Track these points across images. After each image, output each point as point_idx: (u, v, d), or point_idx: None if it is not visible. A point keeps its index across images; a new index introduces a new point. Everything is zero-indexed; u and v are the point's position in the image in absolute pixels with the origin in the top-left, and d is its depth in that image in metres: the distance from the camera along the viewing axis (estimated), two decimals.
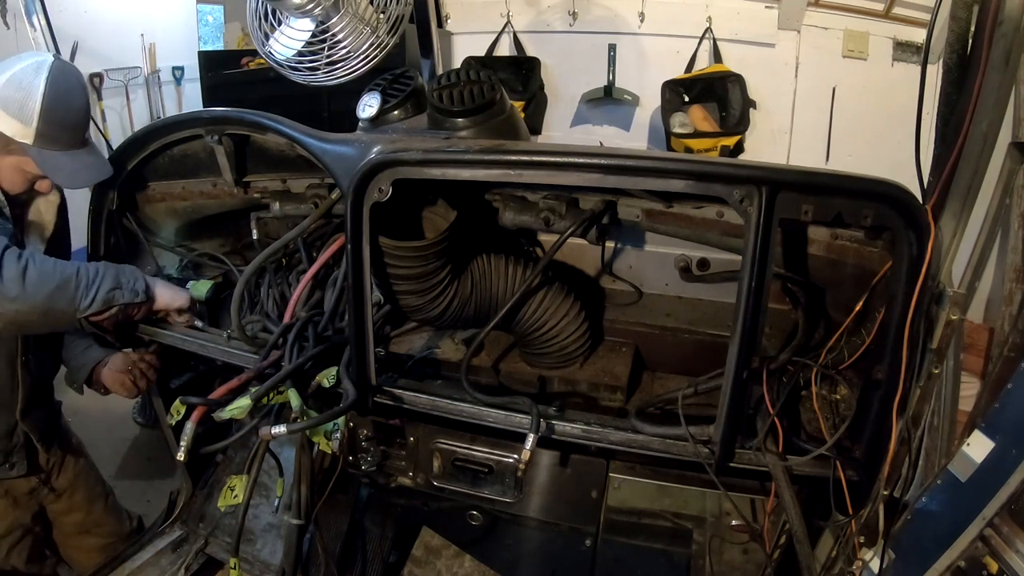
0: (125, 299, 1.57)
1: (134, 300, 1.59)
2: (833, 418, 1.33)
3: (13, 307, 1.41)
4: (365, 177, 1.28)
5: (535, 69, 3.86)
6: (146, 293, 1.62)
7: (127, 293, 1.58)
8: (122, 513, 2.11)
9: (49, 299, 1.45)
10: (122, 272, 1.60)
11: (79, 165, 1.59)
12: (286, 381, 1.39)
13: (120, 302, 1.56)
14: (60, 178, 1.61)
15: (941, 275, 1.13)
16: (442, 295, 1.45)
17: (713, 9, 3.58)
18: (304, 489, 1.56)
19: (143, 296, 1.61)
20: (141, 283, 1.62)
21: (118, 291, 1.56)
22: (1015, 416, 1.04)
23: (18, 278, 1.40)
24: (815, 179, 1.13)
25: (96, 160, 1.63)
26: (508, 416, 1.36)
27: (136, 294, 1.60)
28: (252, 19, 1.75)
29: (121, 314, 1.59)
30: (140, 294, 1.61)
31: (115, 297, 1.55)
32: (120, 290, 1.56)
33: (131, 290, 1.59)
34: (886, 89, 3.42)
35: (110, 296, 1.54)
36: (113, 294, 1.55)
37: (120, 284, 1.57)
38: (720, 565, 1.58)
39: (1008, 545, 1.05)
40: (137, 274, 1.63)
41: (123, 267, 1.63)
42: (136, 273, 1.63)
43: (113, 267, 1.59)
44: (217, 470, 2.19)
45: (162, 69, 5.09)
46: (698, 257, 1.57)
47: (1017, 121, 1.54)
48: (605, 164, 1.19)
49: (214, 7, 5.22)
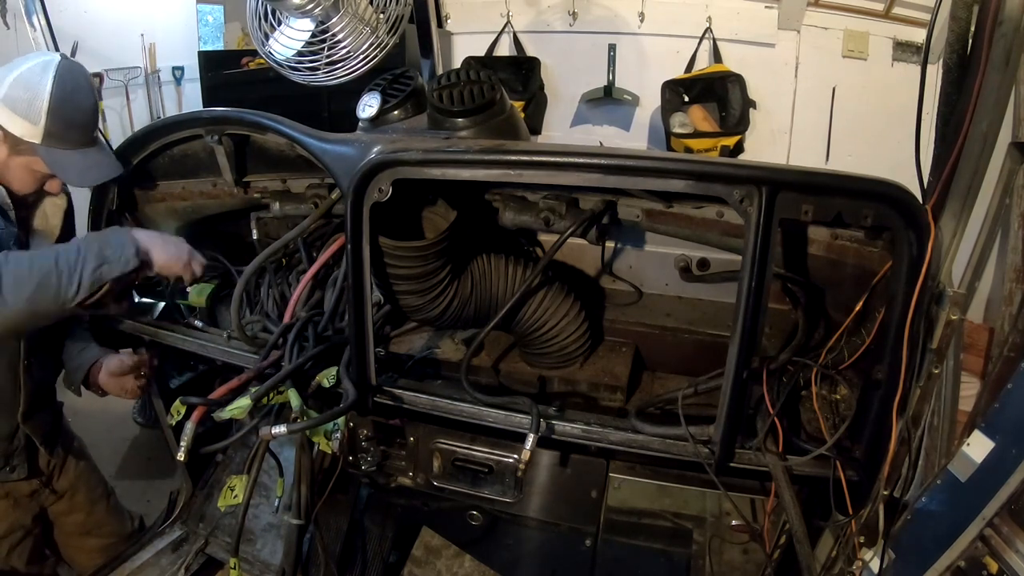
0: (115, 272, 1.46)
1: (125, 270, 1.48)
2: (833, 418, 1.33)
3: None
4: (365, 177, 1.28)
5: (535, 69, 3.86)
6: (138, 257, 1.50)
7: (116, 265, 1.47)
8: (124, 513, 2.10)
9: (31, 302, 1.39)
10: (106, 243, 1.48)
11: (89, 163, 1.57)
12: (286, 381, 1.39)
13: (110, 277, 1.46)
14: (70, 177, 1.59)
15: (941, 275, 1.13)
16: (442, 295, 1.45)
17: (713, 9, 3.58)
18: (304, 489, 1.56)
19: (135, 262, 1.49)
20: (130, 248, 1.49)
21: (105, 267, 1.45)
22: (1015, 416, 1.04)
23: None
24: (815, 179, 1.13)
25: (106, 158, 1.61)
26: (508, 416, 1.36)
27: (127, 263, 1.48)
28: (252, 19, 1.75)
29: (116, 287, 1.51)
30: (131, 261, 1.49)
31: (103, 274, 1.45)
32: (107, 264, 1.46)
33: (120, 260, 1.47)
34: (886, 89, 3.42)
35: (97, 275, 1.44)
36: (100, 271, 1.44)
37: (105, 258, 1.46)
38: (720, 565, 1.58)
39: (1008, 545, 1.05)
40: (123, 239, 1.51)
41: (107, 235, 1.52)
42: (122, 238, 1.51)
43: (96, 240, 1.48)
44: (217, 470, 2.19)
45: (162, 69, 5.09)
46: (698, 257, 1.57)
47: (1017, 121, 1.54)
48: (605, 164, 1.19)
49: (214, 7, 5.22)
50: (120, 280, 1.50)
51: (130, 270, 1.49)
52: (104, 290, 1.47)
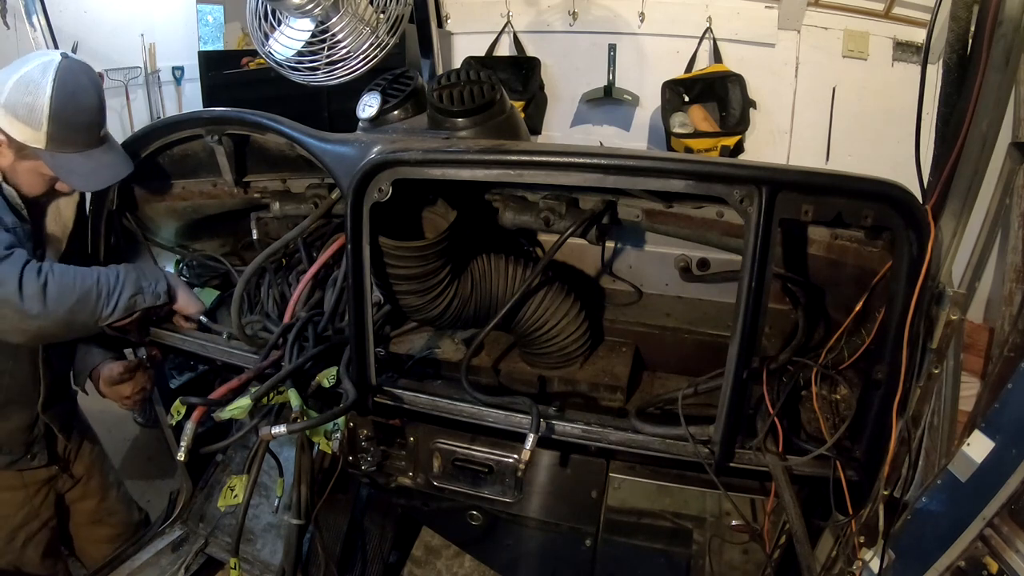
0: (147, 303, 1.58)
1: (156, 303, 1.60)
2: (833, 418, 1.33)
3: (36, 323, 1.42)
4: (365, 177, 1.28)
5: (535, 69, 3.86)
6: (168, 295, 1.63)
7: (149, 297, 1.58)
8: (132, 504, 2.13)
9: (71, 312, 1.46)
10: (143, 275, 1.60)
11: (96, 165, 1.55)
12: (286, 381, 1.39)
13: (142, 307, 1.57)
14: (76, 182, 1.57)
15: (941, 275, 1.13)
16: (442, 295, 1.45)
17: (713, 9, 3.58)
18: (304, 489, 1.56)
19: (165, 298, 1.63)
20: (163, 284, 1.63)
21: (139, 296, 1.57)
22: (1015, 416, 1.04)
23: (39, 295, 1.40)
24: (815, 179, 1.13)
25: (114, 158, 1.58)
26: (508, 416, 1.36)
27: (158, 297, 1.61)
28: (252, 19, 1.75)
29: (143, 316, 1.59)
30: (162, 296, 1.62)
31: (137, 303, 1.56)
32: (142, 295, 1.57)
33: (153, 293, 1.60)
34: (886, 89, 3.42)
35: (132, 302, 1.55)
36: (135, 299, 1.55)
37: (141, 288, 1.57)
38: (720, 565, 1.58)
39: (1008, 545, 1.05)
40: (159, 275, 1.63)
41: (144, 268, 1.63)
42: (158, 274, 1.64)
43: (134, 270, 1.59)
44: (217, 470, 2.19)
45: (162, 69, 5.09)
46: (698, 257, 1.57)
47: (1017, 121, 1.54)
48: (605, 164, 1.19)
49: (214, 7, 5.22)
50: (149, 311, 1.61)
51: (160, 304, 1.62)
52: (135, 317, 1.57)
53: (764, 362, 1.35)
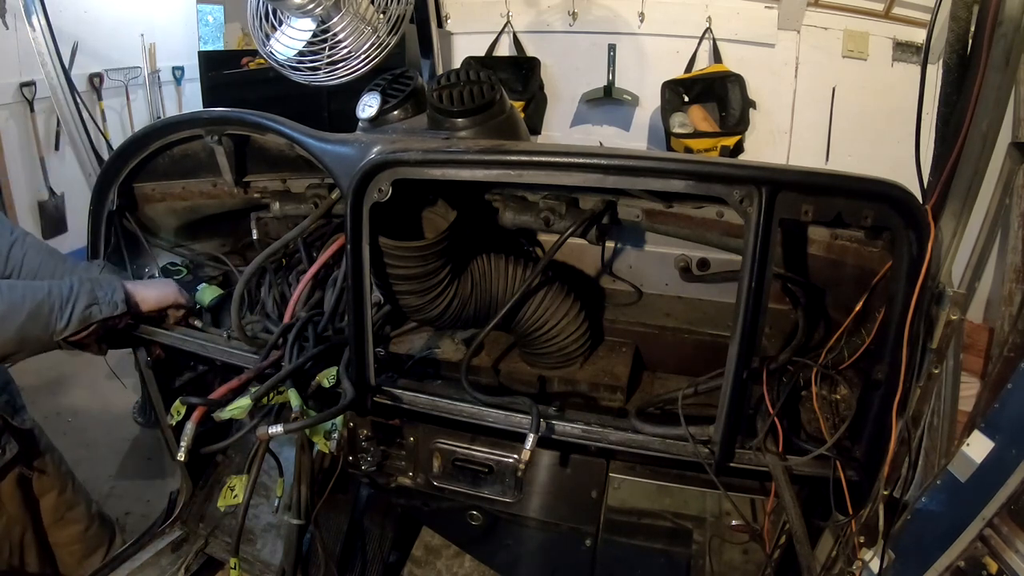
0: (103, 314, 1.52)
1: (113, 314, 1.54)
2: (833, 418, 1.33)
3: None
4: (365, 177, 1.28)
5: (535, 69, 3.86)
6: (126, 303, 1.57)
7: (105, 307, 1.53)
8: (88, 495, 2.08)
9: (21, 330, 1.42)
10: (98, 285, 1.54)
11: None
12: (286, 381, 1.39)
13: (98, 318, 1.52)
14: None
15: (941, 275, 1.13)
16: (442, 295, 1.45)
17: (713, 9, 3.58)
18: (304, 489, 1.56)
19: (123, 307, 1.56)
20: (120, 293, 1.56)
21: (95, 307, 1.51)
22: (1015, 416, 1.04)
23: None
24: (815, 179, 1.13)
25: None
26: (508, 416, 1.36)
27: (115, 306, 1.55)
28: (252, 19, 1.75)
29: (101, 328, 1.55)
30: (120, 305, 1.55)
31: (92, 314, 1.50)
32: (97, 305, 1.51)
33: (109, 303, 1.54)
34: (886, 89, 3.43)
35: (87, 314, 1.49)
36: (90, 311, 1.50)
37: (96, 299, 1.52)
38: (720, 565, 1.58)
39: (1008, 545, 1.05)
40: (115, 284, 1.57)
41: (101, 279, 1.58)
42: (114, 283, 1.57)
43: (89, 282, 1.54)
44: (217, 470, 2.19)
45: (162, 69, 5.10)
46: (698, 257, 1.57)
47: (1017, 121, 1.55)
48: (605, 164, 1.19)
49: (214, 7, 5.23)
50: (106, 323, 1.55)
51: (117, 314, 1.55)
52: (91, 330, 1.52)
53: (764, 362, 1.35)
